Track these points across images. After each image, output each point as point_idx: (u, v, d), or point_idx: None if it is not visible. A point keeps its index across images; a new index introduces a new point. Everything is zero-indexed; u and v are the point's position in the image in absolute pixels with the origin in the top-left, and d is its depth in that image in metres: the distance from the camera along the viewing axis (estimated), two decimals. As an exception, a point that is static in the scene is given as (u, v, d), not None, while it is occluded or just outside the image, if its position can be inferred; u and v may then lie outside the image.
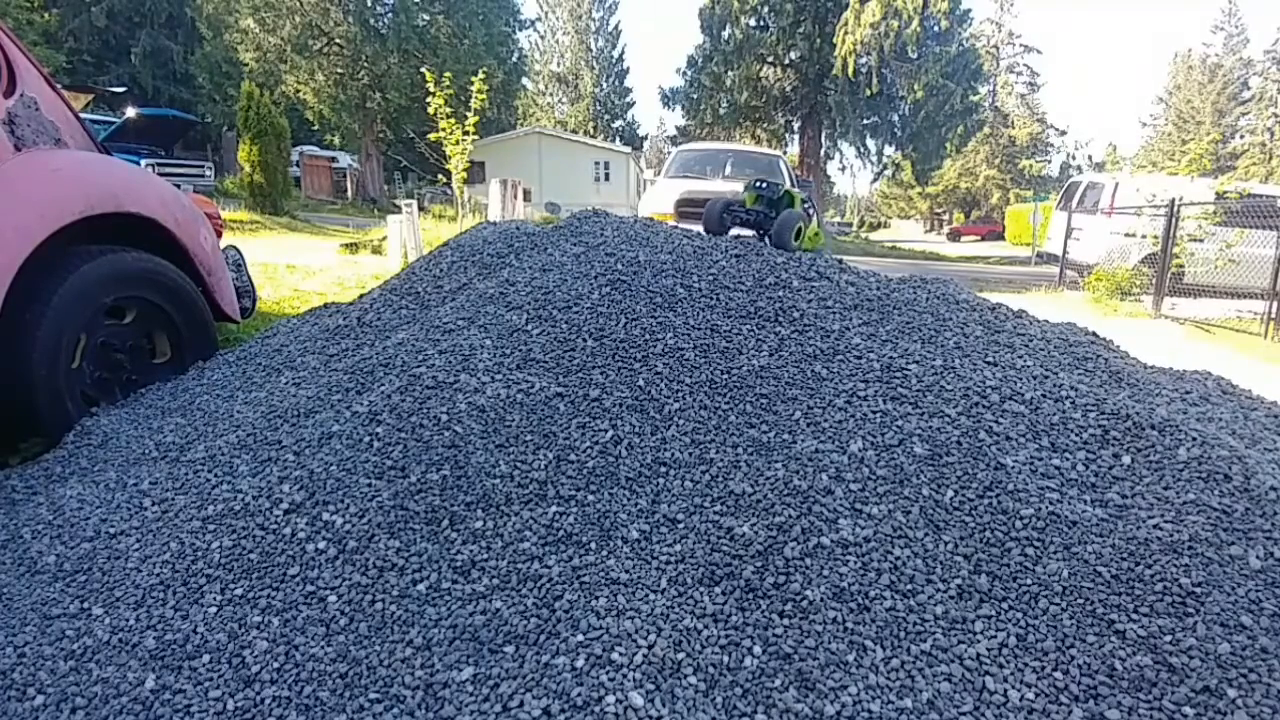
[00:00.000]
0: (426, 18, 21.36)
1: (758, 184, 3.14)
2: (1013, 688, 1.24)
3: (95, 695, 1.26)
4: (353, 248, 9.36)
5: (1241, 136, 42.25)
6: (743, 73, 23.31)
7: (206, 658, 1.32)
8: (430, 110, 8.77)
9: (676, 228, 2.98)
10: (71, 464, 2.10)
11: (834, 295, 2.36)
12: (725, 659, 1.29)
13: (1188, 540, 1.42)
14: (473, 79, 8.97)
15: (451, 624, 1.35)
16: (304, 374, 2.32)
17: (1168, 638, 1.27)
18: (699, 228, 3.06)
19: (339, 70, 21.54)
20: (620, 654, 1.26)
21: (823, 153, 25.87)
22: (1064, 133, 43.62)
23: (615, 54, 43.24)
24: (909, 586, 1.42)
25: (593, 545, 1.52)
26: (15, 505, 1.90)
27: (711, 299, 2.31)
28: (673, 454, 1.76)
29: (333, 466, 1.69)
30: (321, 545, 1.51)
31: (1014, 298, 7.29)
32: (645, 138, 47.08)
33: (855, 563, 1.45)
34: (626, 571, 1.46)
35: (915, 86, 21.46)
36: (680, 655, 1.28)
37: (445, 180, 15.48)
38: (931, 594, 1.40)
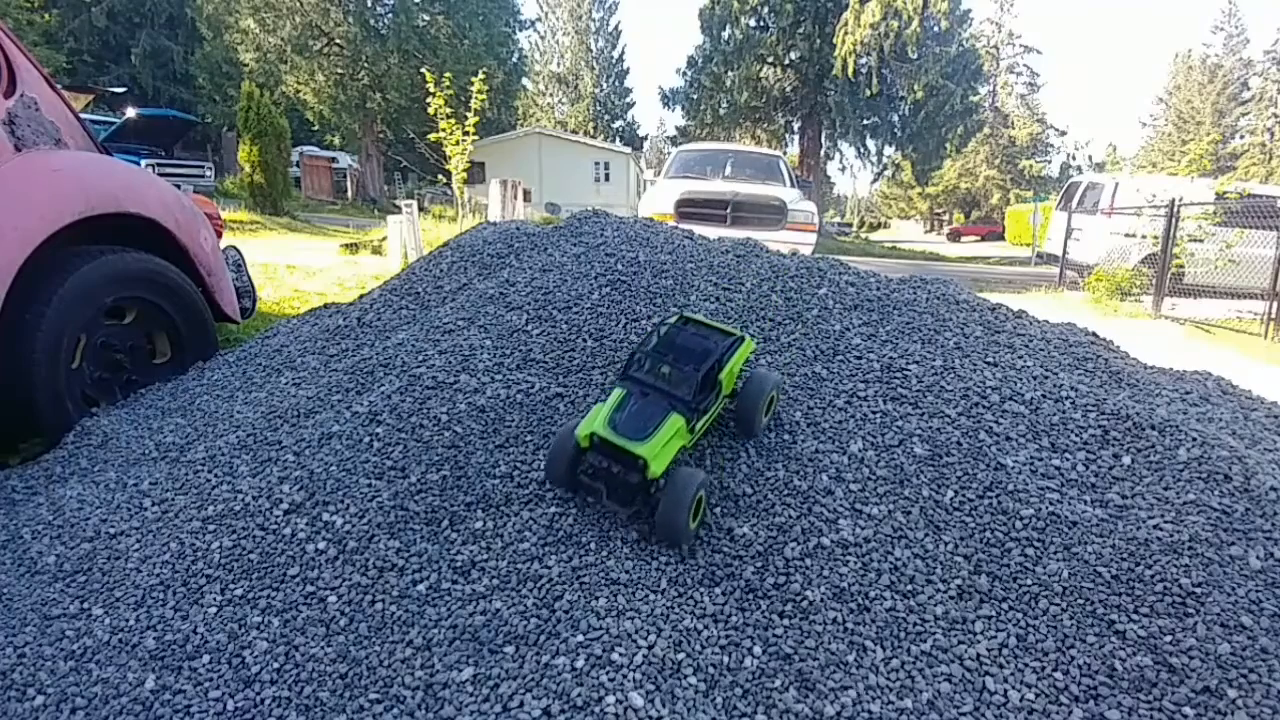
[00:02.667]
0: (426, 18, 21.38)
1: (659, 347, 1.66)
2: (1013, 688, 1.24)
3: (95, 695, 1.26)
4: (353, 248, 9.36)
5: (1241, 137, 42.26)
6: (743, 73, 23.30)
7: (206, 658, 1.32)
8: (430, 110, 8.76)
9: (676, 228, 2.98)
10: (71, 464, 2.10)
11: (834, 295, 2.36)
12: (725, 659, 1.29)
13: (1188, 540, 1.42)
14: (473, 79, 8.96)
15: (451, 624, 1.35)
16: (304, 374, 2.32)
17: (1168, 638, 1.27)
18: (700, 228, 3.05)
19: (339, 70, 21.55)
20: (620, 654, 1.26)
21: (823, 153, 25.87)
22: (1064, 133, 43.61)
23: (615, 54, 43.27)
24: (909, 587, 1.42)
25: (592, 545, 1.52)
26: (15, 505, 1.90)
27: (712, 300, 2.31)
28: (673, 454, 1.76)
29: (333, 467, 1.69)
30: (321, 545, 1.51)
31: (1014, 298, 7.29)
32: (645, 138, 47.13)
33: (855, 563, 1.45)
34: (626, 572, 1.46)
35: (915, 87, 21.45)
36: (680, 655, 1.28)
37: (445, 181, 15.49)
38: (931, 594, 1.40)
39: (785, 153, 18.98)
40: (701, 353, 1.64)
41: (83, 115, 3.03)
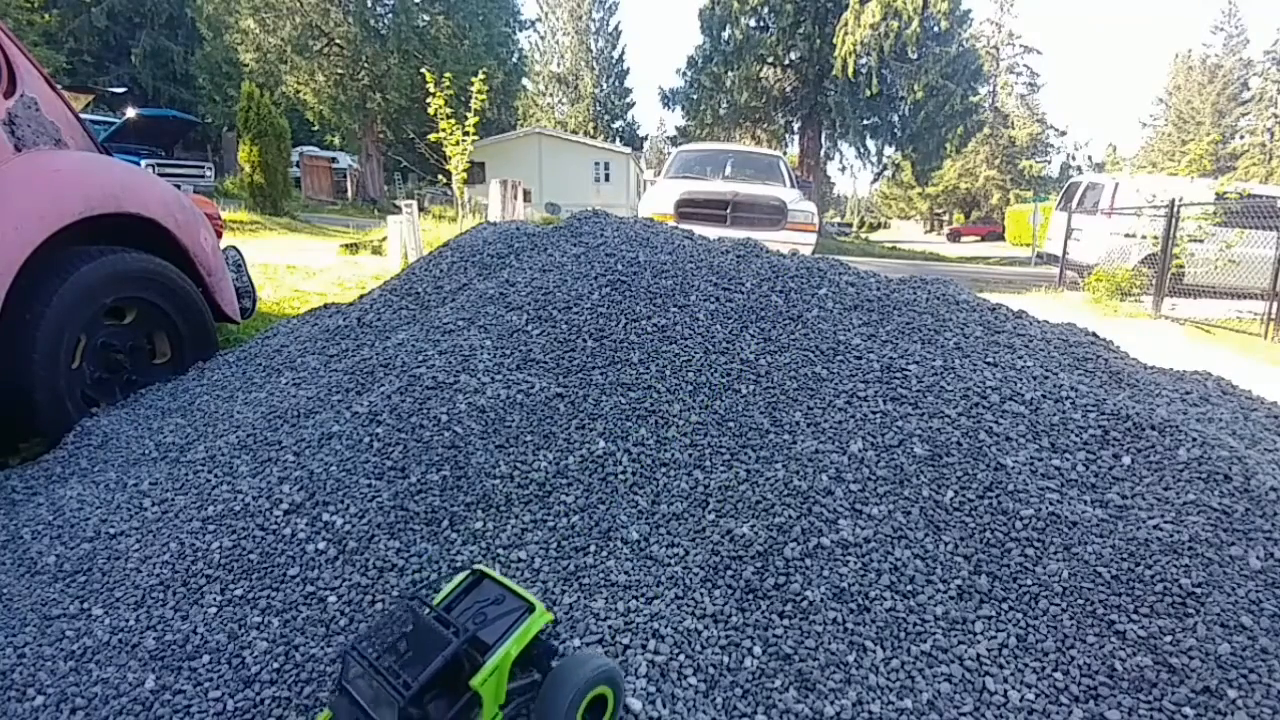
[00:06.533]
0: (426, 18, 21.38)
1: (391, 636, 1.09)
2: (1013, 688, 1.24)
3: (95, 695, 1.26)
4: (353, 248, 9.36)
5: (1241, 137, 42.25)
6: (743, 73, 23.30)
7: (206, 658, 1.32)
8: (430, 111, 8.76)
9: (677, 228, 2.98)
10: (71, 464, 2.10)
11: (834, 296, 2.36)
12: (725, 660, 1.29)
13: (1188, 541, 1.42)
14: (473, 79, 8.96)
15: (451, 624, 1.34)
16: (304, 374, 2.32)
17: (1168, 638, 1.27)
18: (700, 229, 3.05)
19: (339, 70, 21.55)
20: (619, 657, 1.26)
21: (823, 153, 25.86)
22: (1064, 133, 43.73)
23: (615, 54, 43.26)
24: (909, 587, 1.41)
25: (592, 547, 1.52)
26: (15, 505, 1.90)
27: (712, 300, 2.31)
28: (672, 454, 1.76)
29: (333, 467, 1.69)
30: (321, 546, 1.51)
31: (1014, 298, 7.29)
32: (645, 138, 47.10)
33: (855, 563, 1.45)
34: (626, 574, 1.45)
35: (915, 87, 21.45)
36: (680, 656, 1.28)
37: (445, 181, 15.49)
38: (931, 594, 1.40)
39: (785, 153, 18.98)
40: (434, 648, 1.04)
41: (83, 115, 3.03)
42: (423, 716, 1.00)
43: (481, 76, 9.00)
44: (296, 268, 7.04)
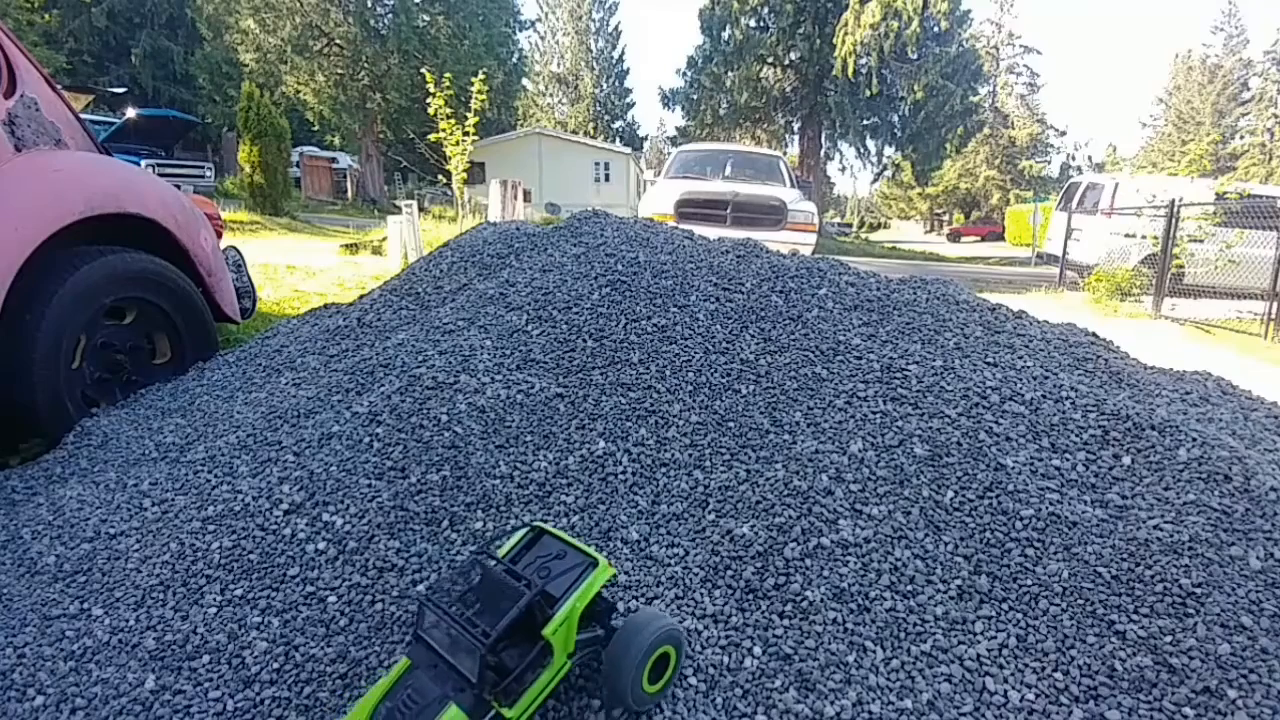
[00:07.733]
0: (426, 18, 21.38)
1: (463, 587, 1.20)
2: (1013, 688, 1.24)
3: (95, 695, 1.26)
4: (353, 248, 9.36)
5: (1241, 137, 42.24)
6: (743, 73, 23.31)
7: (206, 658, 1.32)
8: (430, 111, 8.77)
9: (677, 228, 2.98)
10: (71, 464, 2.10)
11: (834, 296, 2.36)
12: (725, 660, 1.29)
13: (1188, 541, 1.42)
14: (473, 80, 8.97)
15: (451, 624, 1.34)
16: (304, 375, 2.32)
17: (1168, 638, 1.27)
18: (700, 229, 3.05)
19: (339, 71, 21.55)
20: (620, 654, 1.26)
21: (823, 153, 25.86)
22: (1064, 133, 43.74)
23: (615, 55, 43.28)
24: (909, 587, 1.41)
25: (592, 548, 1.52)
26: (15, 505, 1.90)
27: (712, 300, 2.31)
28: (672, 455, 1.76)
29: (333, 467, 1.69)
30: (321, 546, 1.51)
31: (1014, 298, 7.29)
32: (645, 138, 47.14)
33: (855, 563, 1.45)
34: (626, 574, 1.46)
35: (915, 87, 21.46)
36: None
37: (445, 181, 15.49)
38: (931, 594, 1.40)
39: (785, 153, 18.99)
40: (507, 599, 1.09)
41: (83, 115, 3.03)
42: (499, 664, 1.06)
43: (481, 77, 9.01)
44: (296, 268, 7.04)
